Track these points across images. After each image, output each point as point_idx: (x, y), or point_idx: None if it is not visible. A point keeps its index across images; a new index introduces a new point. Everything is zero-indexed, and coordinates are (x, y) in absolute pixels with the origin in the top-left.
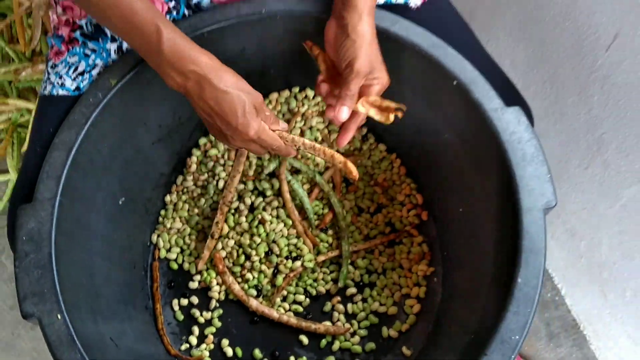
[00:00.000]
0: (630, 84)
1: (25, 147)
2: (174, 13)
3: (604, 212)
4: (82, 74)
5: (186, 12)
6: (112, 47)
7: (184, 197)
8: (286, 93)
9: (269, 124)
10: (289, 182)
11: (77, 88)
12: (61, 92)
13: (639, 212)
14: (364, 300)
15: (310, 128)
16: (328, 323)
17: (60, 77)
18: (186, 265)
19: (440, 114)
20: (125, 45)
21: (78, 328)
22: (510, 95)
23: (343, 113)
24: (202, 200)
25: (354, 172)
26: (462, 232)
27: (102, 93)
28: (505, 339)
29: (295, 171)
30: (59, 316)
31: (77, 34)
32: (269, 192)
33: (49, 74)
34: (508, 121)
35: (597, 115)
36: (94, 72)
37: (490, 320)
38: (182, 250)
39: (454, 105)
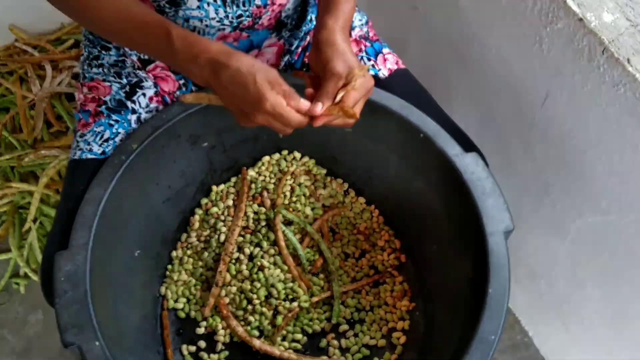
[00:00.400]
0: (564, 133)
1: (26, 227)
2: (184, 88)
3: (557, 249)
4: (107, 140)
5: (193, 88)
6: (133, 118)
7: (188, 252)
8: (277, 156)
9: (287, 99)
10: (283, 232)
11: (103, 152)
12: (89, 156)
13: (585, 243)
14: (356, 335)
15: (299, 184)
16: (325, 357)
17: (89, 144)
18: (192, 314)
19: (411, 165)
20: (143, 115)
21: (113, 354)
22: (466, 145)
23: (317, 107)
24: (205, 254)
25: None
26: (437, 267)
27: (125, 156)
28: (483, 339)
29: (288, 222)
30: (97, 343)
31: (103, 108)
32: (265, 243)
33: (77, 142)
34: (468, 164)
35: (540, 163)
36: (117, 139)
37: (468, 330)
38: (188, 300)
39: (421, 155)
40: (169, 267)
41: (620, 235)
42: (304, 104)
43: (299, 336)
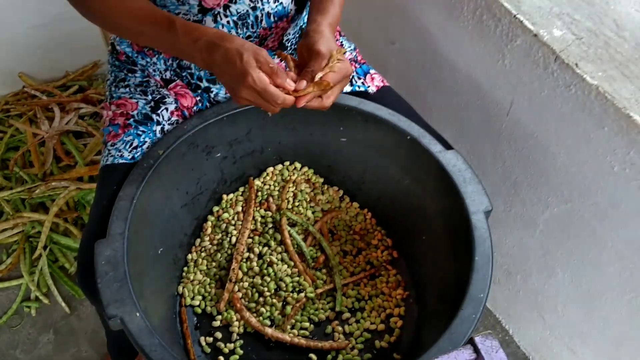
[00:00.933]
0: (528, 135)
1: (36, 254)
2: (200, 104)
3: (528, 243)
4: (135, 147)
5: (208, 104)
6: (157, 128)
7: (202, 255)
8: (279, 166)
9: (274, 76)
10: (288, 232)
11: (133, 158)
12: (120, 161)
13: (553, 232)
14: (357, 321)
15: (301, 191)
16: (331, 341)
17: (119, 151)
18: (208, 309)
19: (400, 165)
20: (166, 127)
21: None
22: (446, 147)
23: (302, 84)
24: (218, 255)
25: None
26: (426, 258)
27: (153, 160)
28: (474, 297)
29: (292, 224)
30: (138, 314)
31: (131, 120)
32: (273, 242)
33: (109, 150)
34: (449, 158)
35: (509, 165)
36: (144, 147)
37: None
38: (203, 298)
39: (409, 155)
40: (185, 268)
41: (582, 219)
42: (290, 83)
43: (306, 324)
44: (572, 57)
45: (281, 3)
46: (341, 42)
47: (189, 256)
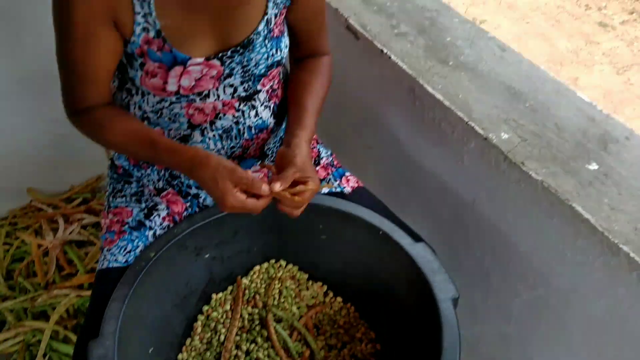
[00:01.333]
0: (491, 226)
1: None
2: (190, 209)
3: (506, 331)
4: (129, 252)
5: (197, 209)
6: (149, 233)
7: (193, 354)
8: (265, 264)
9: (250, 189)
10: (274, 328)
11: (126, 261)
12: (115, 264)
13: (526, 320)
14: None
15: (286, 287)
16: None
17: (114, 256)
18: None
19: (375, 260)
20: (158, 232)
21: None
22: (415, 238)
23: (276, 185)
24: (208, 353)
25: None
26: (404, 346)
27: (145, 262)
28: None
29: (278, 320)
30: None
31: (126, 227)
32: (259, 339)
33: (105, 255)
34: (419, 250)
35: (480, 256)
36: (137, 250)
37: None
38: None
39: (382, 249)
40: None
41: (548, 305)
42: (265, 190)
43: None
44: (519, 156)
45: (261, 117)
46: (318, 149)
47: (180, 356)
